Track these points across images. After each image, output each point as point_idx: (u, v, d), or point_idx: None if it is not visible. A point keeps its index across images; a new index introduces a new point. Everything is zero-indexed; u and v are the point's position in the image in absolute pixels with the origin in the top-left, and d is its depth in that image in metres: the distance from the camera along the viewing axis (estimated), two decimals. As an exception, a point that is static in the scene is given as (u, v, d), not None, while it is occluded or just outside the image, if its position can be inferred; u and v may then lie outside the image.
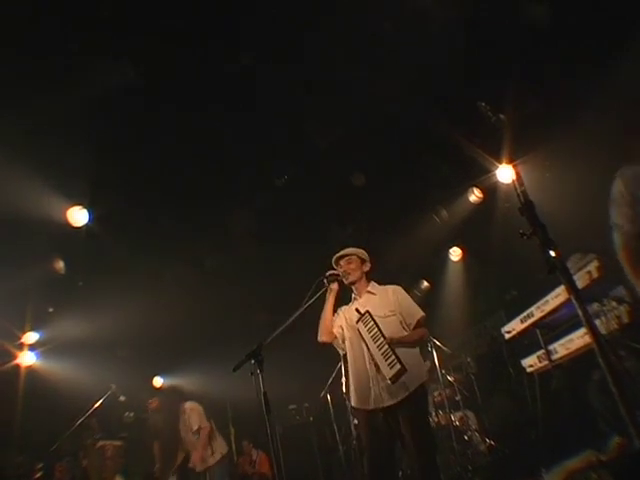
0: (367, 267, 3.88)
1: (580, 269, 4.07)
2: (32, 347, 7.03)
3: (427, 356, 6.30)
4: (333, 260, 3.89)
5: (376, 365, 3.46)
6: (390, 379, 3.35)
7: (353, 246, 3.94)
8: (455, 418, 5.93)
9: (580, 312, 1.85)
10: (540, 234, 2.00)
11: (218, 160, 6.07)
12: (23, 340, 6.98)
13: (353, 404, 3.60)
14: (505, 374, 5.89)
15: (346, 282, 3.78)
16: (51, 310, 7.04)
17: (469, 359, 6.49)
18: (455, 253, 7.75)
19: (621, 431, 3.68)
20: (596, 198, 5.47)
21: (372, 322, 3.56)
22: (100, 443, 6.49)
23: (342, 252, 3.88)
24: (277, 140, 6.01)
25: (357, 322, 3.64)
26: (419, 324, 3.63)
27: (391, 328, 3.55)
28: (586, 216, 5.38)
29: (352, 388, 3.62)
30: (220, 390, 7.31)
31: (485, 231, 6.96)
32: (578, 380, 4.37)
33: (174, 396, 6.94)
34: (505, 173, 6.05)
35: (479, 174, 6.33)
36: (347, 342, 3.70)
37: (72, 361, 7.22)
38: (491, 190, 6.46)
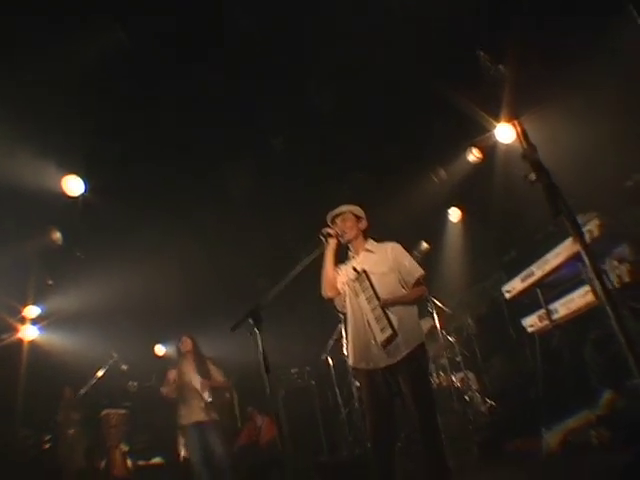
0: (363, 224, 3.79)
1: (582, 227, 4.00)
2: (34, 321, 7.06)
3: (428, 317, 6.32)
4: (328, 218, 3.80)
5: (371, 326, 3.43)
6: (381, 344, 3.33)
7: (348, 203, 3.85)
8: (456, 379, 5.97)
9: (588, 263, 1.81)
10: (544, 178, 1.95)
11: (214, 125, 5.96)
12: (24, 314, 7.00)
13: (352, 364, 3.58)
14: (506, 334, 5.89)
15: (343, 241, 3.71)
16: (50, 282, 7.01)
17: (469, 320, 6.49)
18: (454, 214, 7.66)
19: (613, 387, 3.70)
20: (599, 157, 5.40)
21: (367, 282, 3.50)
22: (105, 411, 6.55)
23: (337, 210, 3.79)
24: (274, 98, 5.86)
25: (354, 281, 3.59)
26: (418, 282, 3.57)
27: (389, 286, 3.51)
28: (589, 176, 5.31)
29: (351, 347, 3.59)
30: (222, 357, 7.33)
31: (484, 191, 6.86)
32: (578, 339, 4.36)
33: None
34: (504, 131, 5.90)
35: (478, 133, 6.19)
36: (347, 300, 3.65)
37: (74, 333, 7.26)
38: (490, 149, 6.32)
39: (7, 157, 5.26)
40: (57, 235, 6.43)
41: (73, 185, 5.92)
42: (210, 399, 5.59)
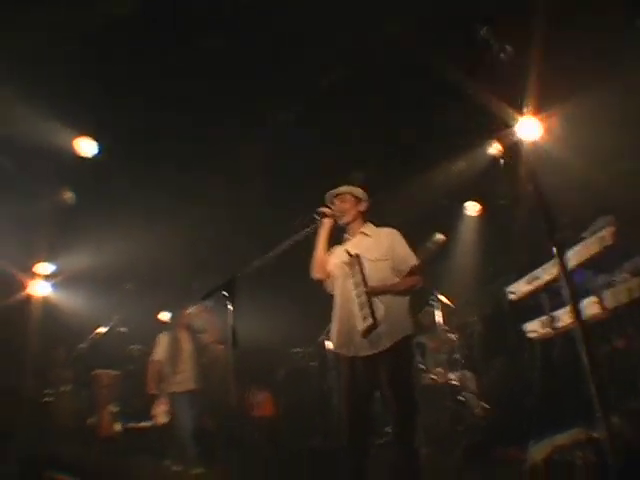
0: (363, 206, 3.64)
1: (593, 233, 3.76)
2: (46, 278, 7.20)
3: (430, 309, 6.15)
4: (327, 197, 3.67)
5: (354, 313, 3.32)
6: (361, 333, 3.21)
7: (349, 184, 3.71)
8: (453, 377, 5.80)
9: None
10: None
11: (227, 93, 5.88)
12: (35, 270, 7.14)
13: (334, 348, 3.48)
14: (507, 337, 5.69)
15: (339, 222, 3.59)
16: (59, 241, 7.11)
17: (474, 318, 6.29)
18: (472, 207, 7.42)
19: (616, 409, 3.50)
20: (626, 157, 5.10)
21: (357, 267, 3.37)
22: (96, 371, 6.66)
23: (336, 190, 3.65)
24: (291, 76, 5.74)
25: (346, 264, 3.46)
26: (412, 272, 3.42)
27: (380, 273, 3.37)
28: (610, 176, 5.03)
29: (334, 331, 3.47)
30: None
31: (503, 188, 6.60)
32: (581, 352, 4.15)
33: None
34: (527, 126, 5.61)
35: (498, 127, 5.92)
36: (336, 283, 3.53)
37: (81, 293, 7.37)
38: (511, 145, 6.05)
39: (23, 119, 5.30)
40: (69, 195, 6.48)
41: (86, 146, 5.97)
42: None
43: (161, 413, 5.86)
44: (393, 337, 3.21)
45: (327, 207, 3.61)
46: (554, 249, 1.66)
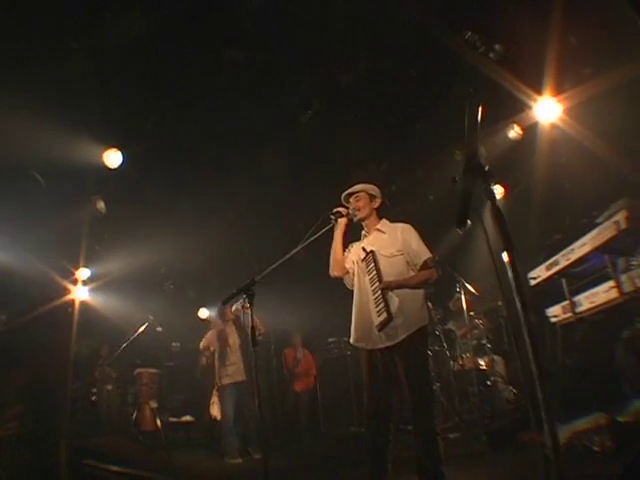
0: (377, 203, 3.77)
1: (608, 218, 3.74)
2: (84, 283, 7.57)
3: (456, 296, 6.19)
4: (342, 196, 3.80)
5: (370, 308, 3.45)
6: (377, 326, 3.34)
7: (364, 182, 3.81)
8: (482, 362, 5.85)
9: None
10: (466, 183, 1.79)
11: (249, 98, 6.01)
12: (76, 276, 7.51)
13: (353, 342, 3.61)
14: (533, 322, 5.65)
15: (355, 220, 3.71)
16: (97, 248, 7.45)
17: (500, 302, 6.28)
18: (496, 191, 7.33)
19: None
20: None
21: (373, 264, 3.50)
22: (137, 370, 6.99)
23: (350, 189, 3.78)
24: (308, 76, 5.86)
25: (362, 261, 3.60)
26: (426, 265, 3.51)
27: (396, 268, 3.48)
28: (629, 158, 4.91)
29: (353, 326, 3.60)
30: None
31: (526, 169, 6.52)
32: (604, 336, 4.13)
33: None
34: (547, 107, 5.54)
35: (518, 109, 5.85)
36: (355, 279, 3.67)
37: (118, 296, 7.72)
38: (532, 126, 5.97)
39: (54, 135, 5.60)
40: (101, 204, 6.77)
41: (113, 157, 6.21)
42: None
43: (214, 407, 6.15)
44: (408, 329, 3.32)
45: (342, 206, 3.73)
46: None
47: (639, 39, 4.56)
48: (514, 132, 6.11)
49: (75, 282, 7.52)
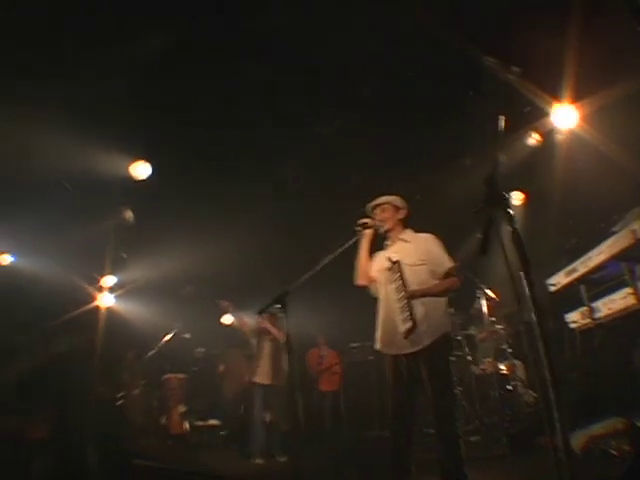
0: (402, 214, 3.89)
1: (625, 226, 3.82)
2: (110, 290, 7.80)
3: (476, 302, 6.27)
4: (369, 208, 3.93)
5: (396, 316, 3.57)
6: (403, 334, 3.47)
7: (388, 193, 3.94)
8: (502, 367, 5.91)
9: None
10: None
11: (271, 110, 6.19)
12: (102, 284, 7.74)
13: (378, 348, 3.73)
14: (549, 327, 5.72)
15: (380, 231, 3.85)
16: (124, 256, 7.67)
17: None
18: (516, 197, 7.39)
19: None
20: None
21: (398, 273, 3.62)
22: (166, 376, 7.18)
23: (376, 201, 3.91)
24: (327, 90, 6.00)
25: (388, 270, 3.72)
26: (449, 274, 3.62)
27: (420, 277, 3.59)
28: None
29: (378, 332, 3.73)
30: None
31: (545, 176, 6.57)
32: (622, 341, 4.19)
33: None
34: (564, 114, 5.61)
35: (537, 116, 5.92)
36: (380, 287, 3.79)
37: (145, 302, 7.94)
38: (550, 133, 6.03)
39: (83, 148, 5.85)
40: (129, 214, 7.00)
41: (141, 169, 6.44)
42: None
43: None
44: (432, 335, 3.44)
45: (368, 217, 3.87)
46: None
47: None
48: (533, 139, 6.18)
49: (101, 289, 7.76)
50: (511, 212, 1.80)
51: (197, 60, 5.58)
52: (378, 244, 3.97)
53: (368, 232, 3.84)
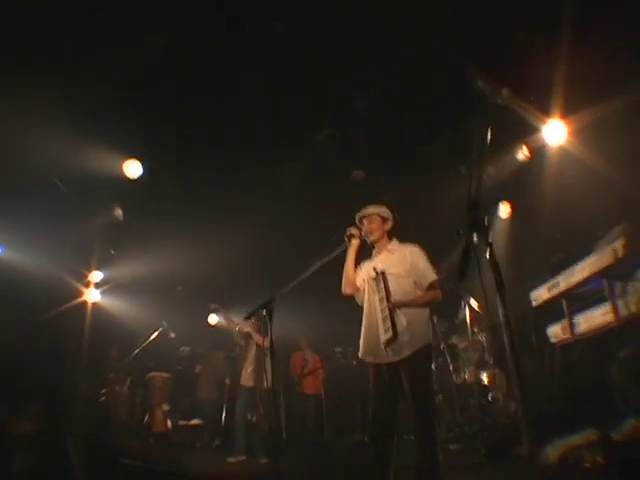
0: (389, 225, 3.96)
1: (607, 244, 3.91)
2: (97, 285, 7.80)
3: (460, 313, 6.35)
4: (356, 218, 4.00)
5: (378, 326, 3.64)
6: (383, 344, 3.53)
7: (376, 204, 4.01)
8: (484, 377, 6.00)
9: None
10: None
11: (267, 111, 6.23)
12: (89, 279, 7.74)
13: (360, 356, 3.80)
14: (529, 340, 5.81)
15: (368, 241, 3.91)
16: (112, 252, 7.67)
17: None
18: (504, 209, 7.49)
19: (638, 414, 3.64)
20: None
21: (382, 284, 3.68)
22: (151, 374, 7.19)
23: (364, 212, 3.97)
24: (326, 96, 6.06)
25: (373, 280, 3.78)
26: (432, 286, 3.70)
27: (404, 288, 3.67)
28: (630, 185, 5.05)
29: (361, 340, 3.79)
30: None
31: (534, 190, 6.67)
32: (601, 356, 4.28)
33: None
34: (554, 129, 5.72)
35: (527, 131, 6.02)
36: (365, 296, 3.86)
37: (130, 298, 7.94)
38: (540, 148, 6.14)
39: (77, 145, 5.86)
40: (119, 212, 7.01)
41: (133, 168, 6.45)
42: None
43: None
44: (414, 346, 3.51)
45: (356, 227, 3.94)
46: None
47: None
48: (522, 154, 6.28)
49: (88, 284, 7.76)
50: (490, 240, 1.86)
51: (195, 60, 5.60)
52: (366, 252, 4.05)
53: (355, 242, 3.91)
